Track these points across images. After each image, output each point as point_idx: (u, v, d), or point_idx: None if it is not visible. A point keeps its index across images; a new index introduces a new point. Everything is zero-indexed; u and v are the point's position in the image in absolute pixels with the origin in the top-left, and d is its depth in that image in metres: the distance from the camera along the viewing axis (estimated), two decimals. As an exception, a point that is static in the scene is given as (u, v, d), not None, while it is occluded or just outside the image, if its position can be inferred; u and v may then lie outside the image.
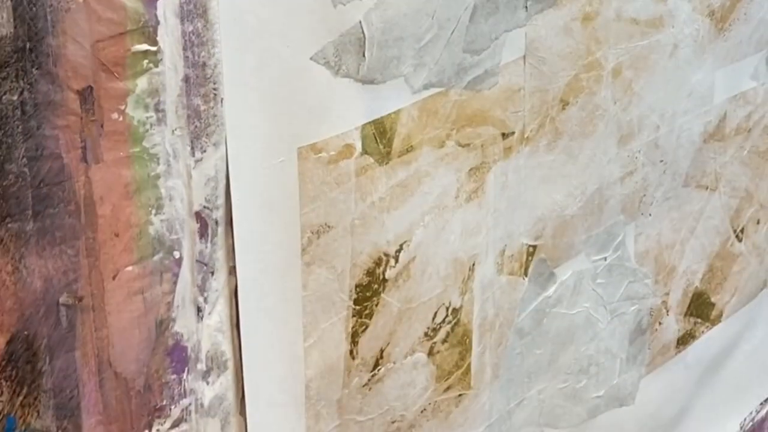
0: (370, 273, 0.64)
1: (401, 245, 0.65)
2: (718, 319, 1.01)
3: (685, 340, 0.98)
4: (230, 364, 0.58)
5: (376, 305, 0.65)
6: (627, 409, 0.93)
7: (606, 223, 0.83)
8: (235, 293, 0.57)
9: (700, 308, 0.98)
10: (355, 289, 0.64)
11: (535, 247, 0.77)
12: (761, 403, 1.15)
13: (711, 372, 1.04)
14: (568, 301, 0.82)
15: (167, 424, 0.55)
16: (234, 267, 0.57)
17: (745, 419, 1.12)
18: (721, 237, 0.98)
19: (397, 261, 0.66)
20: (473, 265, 0.71)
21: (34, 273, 0.48)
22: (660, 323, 0.93)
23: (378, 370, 0.67)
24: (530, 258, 0.77)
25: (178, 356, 0.55)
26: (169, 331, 0.54)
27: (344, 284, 0.63)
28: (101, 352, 0.51)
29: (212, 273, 0.56)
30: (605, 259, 0.85)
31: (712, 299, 1.00)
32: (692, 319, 0.98)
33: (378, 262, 0.64)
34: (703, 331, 1.00)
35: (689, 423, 1.03)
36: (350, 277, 0.63)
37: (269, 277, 0.59)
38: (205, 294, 0.56)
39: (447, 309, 0.70)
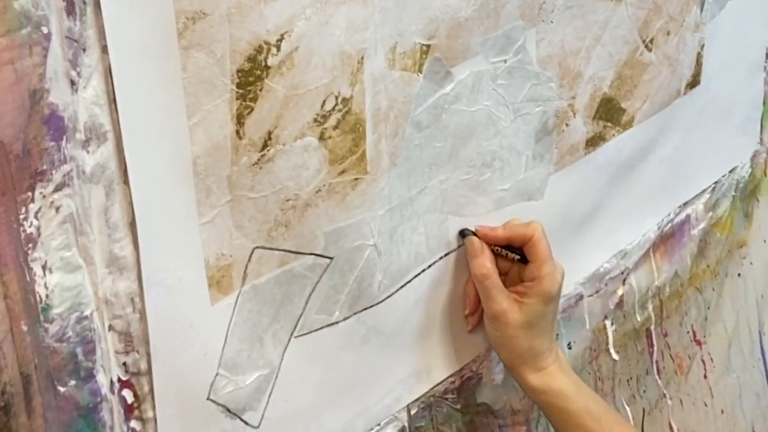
0: (251, 59, 0.64)
1: (282, 35, 0.65)
2: (630, 124, 1.00)
3: (594, 141, 0.97)
4: (110, 136, 0.59)
5: (260, 90, 0.65)
6: (536, 204, 0.93)
7: (504, 27, 0.82)
8: (110, 71, 0.57)
9: (609, 113, 0.97)
10: (237, 74, 0.64)
11: (428, 46, 0.77)
12: (680, 207, 1.15)
13: (624, 174, 1.03)
14: (468, 99, 0.82)
15: (50, 188, 0.56)
16: (106, 46, 0.57)
17: (662, 220, 1.12)
18: (629, 46, 0.96)
19: (279, 50, 0.65)
20: (362, 58, 0.71)
21: None
22: (567, 125, 0.93)
23: (267, 151, 0.67)
24: (424, 56, 0.77)
25: (55, 125, 0.55)
26: (44, 101, 0.54)
27: (225, 68, 0.63)
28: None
29: (84, 50, 0.56)
30: (505, 61, 0.84)
31: (623, 105, 0.99)
32: (602, 123, 0.97)
33: (259, 50, 0.64)
34: (613, 135, 0.99)
35: (602, 220, 1.03)
36: (231, 62, 0.63)
37: (145, 59, 0.59)
38: (78, 69, 0.56)
39: (336, 98, 0.70)
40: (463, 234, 0.85)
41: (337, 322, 0.78)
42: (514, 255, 0.85)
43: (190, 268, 0.66)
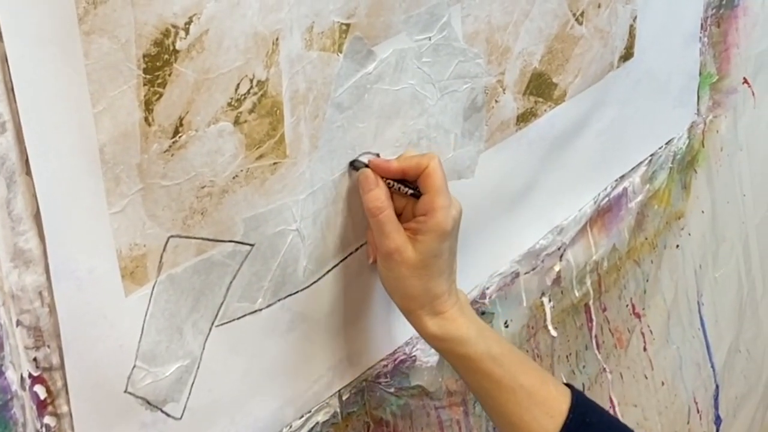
0: (158, 44, 0.63)
1: (191, 18, 0.64)
2: (562, 98, 1.01)
3: (525, 117, 0.97)
4: (9, 126, 0.58)
5: (169, 75, 0.64)
6: (467, 182, 0.93)
7: (427, 3, 0.81)
8: (6, 58, 0.56)
9: (540, 88, 0.97)
10: (144, 59, 0.62)
11: (348, 25, 0.76)
12: (616, 180, 1.15)
13: (558, 149, 1.04)
14: (391, 78, 0.81)
15: (-55, 181, 0.55)
16: (0, 33, 0.55)
17: (599, 194, 1.13)
18: (559, 20, 0.96)
19: (187, 33, 0.64)
20: (277, 39, 0.70)
21: None
22: (497, 101, 0.93)
23: (179, 137, 0.66)
24: (344, 36, 0.76)
25: (-52, 117, 0.54)
26: (-65, 93, 0.53)
27: (130, 54, 0.62)
28: None
29: (-25, 38, 0.55)
30: (429, 39, 0.83)
31: (554, 80, 0.99)
32: (532, 98, 0.97)
33: (166, 33, 0.63)
34: (545, 110, 0.99)
35: (536, 196, 1.03)
36: (136, 47, 0.62)
37: (44, 45, 0.57)
38: (-30, 58, 0.55)
39: (251, 81, 0.69)
40: (355, 166, 0.80)
41: (260, 310, 0.78)
42: (408, 189, 0.79)
43: (102, 259, 0.65)
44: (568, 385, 0.84)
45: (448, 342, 0.81)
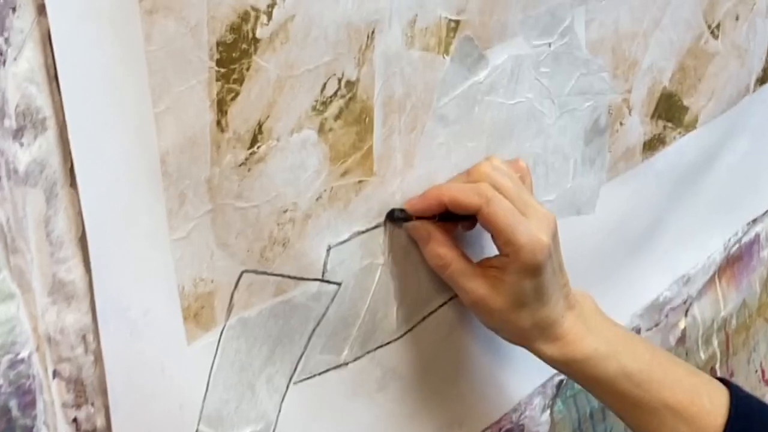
0: (235, 29, 0.53)
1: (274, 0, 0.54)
2: (693, 124, 0.90)
3: (653, 145, 0.86)
4: (51, 124, 0.48)
5: (247, 69, 0.54)
6: (586, 219, 0.82)
7: (547, 2, 0.71)
8: (50, 38, 0.46)
9: (670, 111, 0.86)
10: (217, 48, 0.53)
11: (457, 22, 0.66)
12: (748, 224, 1.04)
13: (686, 184, 0.92)
14: (506, 90, 0.71)
15: (-31, 190, 0.45)
16: (44, 5, 0.46)
17: (729, 239, 1.01)
18: (692, 32, 0.85)
19: (270, 18, 0.54)
20: (372, 32, 0.60)
21: None
22: (621, 124, 0.82)
23: (257, 148, 0.56)
24: (452, 35, 0.66)
25: (-25, 107, 0.45)
26: (-42, 76, 0.44)
27: (201, 40, 0.52)
28: None
29: (13, 9, 0.45)
30: (549, 45, 0.73)
31: (685, 102, 0.88)
32: (661, 123, 0.86)
33: (245, 17, 0.53)
34: (675, 137, 0.88)
35: (661, 239, 0.92)
36: (209, 32, 0.52)
37: (96, 24, 0.48)
38: (6, 33, 0.45)
39: (339, 81, 0.59)
40: (393, 218, 0.66)
41: (346, 363, 0.67)
42: (460, 221, 0.68)
43: (160, 297, 0.55)
44: (729, 384, 0.73)
45: (572, 365, 0.70)
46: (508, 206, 0.65)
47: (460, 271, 0.67)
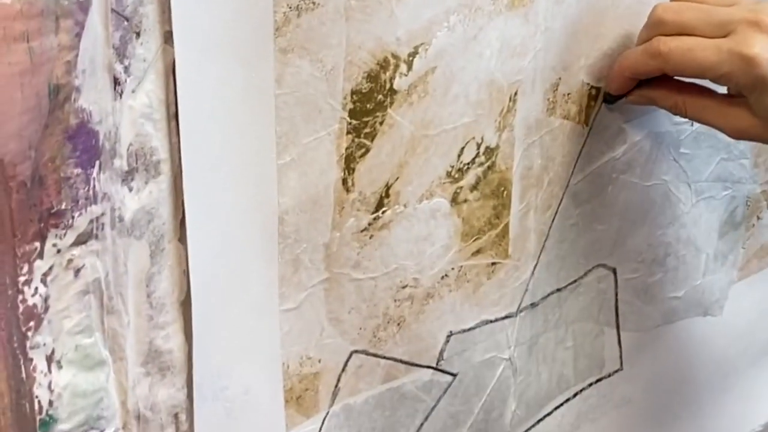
0: (372, 78, 0.48)
1: (416, 48, 0.49)
2: (830, 224, 0.82)
3: (788, 243, 0.79)
4: (165, 168, 0.42)
5: (381, 123, 0.49)
6: (712, 321, 0.75)
7: (692, 76, 0.65)
8: (174, 70, 0.41)
9: (808, 207, 0.79)
10: (352, 97, 0.47)
11: (599, 89, 0.60)
12: None
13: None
14: (642, 169, 0.65)
15: (69, 238, 0.40)
16: (171, 32, 0.41)
17: None
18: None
19: (410, 68, 0.49)
20: (515, 94, 0.54)
21: None
22: (759, 218, 0.75)
23: (383, 212, 0.50)
24: (593, 103, 0.60)
25: (85, 143, 0.39)
26: (71, 105, 0.38)
27: (336, 87, 0.46)
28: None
29: (137, 34, 0.40)
30: (692, 123, 0.67)
31: (824, 199, 0.81)
32: (799, 220, 0.79)
33: (384, 65, 0.48)
34: (811, 237, 0.81)
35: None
36: (344, 78, 0.47)
37: (223, 55, 0.42)
38: (127, 61, 0.40)
39: (478, 146, 0.53)
40: (610, 100, 0.60)
41: (452, 466, 0.60)
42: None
43: (263, 376, 0.49)
44: None
45: None
46: (689, 45, 0.55)
47: (701, 108, 0.58)
